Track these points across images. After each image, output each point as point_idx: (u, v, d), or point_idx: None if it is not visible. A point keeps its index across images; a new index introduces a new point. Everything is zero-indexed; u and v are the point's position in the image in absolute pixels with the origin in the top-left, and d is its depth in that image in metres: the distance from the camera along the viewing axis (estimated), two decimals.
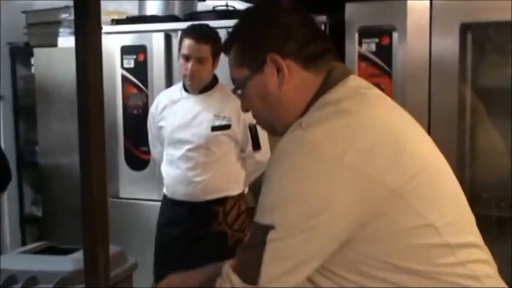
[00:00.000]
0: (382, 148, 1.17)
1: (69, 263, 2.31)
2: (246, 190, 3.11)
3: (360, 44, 2.99)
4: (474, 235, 1.25)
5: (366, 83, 1.33)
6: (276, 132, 1.35)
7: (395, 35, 2.93)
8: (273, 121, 1.33)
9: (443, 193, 1.23)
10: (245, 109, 1.38)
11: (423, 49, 2.88)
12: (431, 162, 1.24)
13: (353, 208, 1.13)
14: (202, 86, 2.92)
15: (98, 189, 1.90)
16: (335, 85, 1.27)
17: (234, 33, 1.36)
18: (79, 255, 2.36)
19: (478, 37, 2.89)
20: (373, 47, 2.97)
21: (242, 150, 2.97)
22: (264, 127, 1.40)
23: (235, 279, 1.17)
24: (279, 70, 1.28)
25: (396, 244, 1.15)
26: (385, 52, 2.94)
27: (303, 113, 1.26)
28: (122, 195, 3.59)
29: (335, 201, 1.12)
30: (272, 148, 3.04)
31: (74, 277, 2.21)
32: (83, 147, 1.87)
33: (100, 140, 1.89)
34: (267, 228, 1.14)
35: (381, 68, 2.95)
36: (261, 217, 1.17)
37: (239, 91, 1.36)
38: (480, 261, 1.22)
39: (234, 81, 1.36)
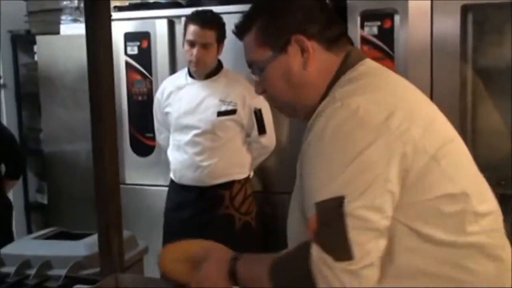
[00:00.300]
0: (417, 115, 1.21)
1: (82, 247, 2.34)
2: (252, 174, 3.15)
3: (362, 27, 3.01)
4: (494, 202, 1.29)
5: (381, 65, 1.37)
6: (294, 114, 1.37)
7: (396, 18, 2.95)
8: (294, 103, 1.33)
9: (468, 162, 1.28)
10: (260, 91, 1.37)
11: (425, 31, 2.90)
12: (455, 134, 1.29)
13: (401, 168, 1.14)
14: (207, 71, 2.95)
15: (111, 175, 1.94)
16: (352, 66, 1.30)
17: (255, 14, 1.35)
18: (91, 240, 2.41)
19: (479, 18, 2.91)
20: (375, 30, 2.99)
21: (248, 135, 3.01)
22: (282, 109, 1.39)
23: (330, 260, 1.12)
24: (303, 50, 1.29)
25: (429, 211, 1.17)
26: (387, 35, 2.97)
27: (325, 94, 1.29)
28: (128, 181, 3.62)
29: (390, 161, 1.14)
30: (277, 133, 3.09)
31: (87, 262, 2.25)
32: (95, 134, 1.91)
33: (111, 127, 1.94)
34: (339, 200, 1.12)
35: (383, 51, 2.98)
36: (324, 193, 1.14)
37: (257, 73, 1.35)
38: (499, 230, 1.26)
39: (252, 62, 1.35)
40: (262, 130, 2.98)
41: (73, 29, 3.89)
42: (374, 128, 1.15)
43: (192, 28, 2.85)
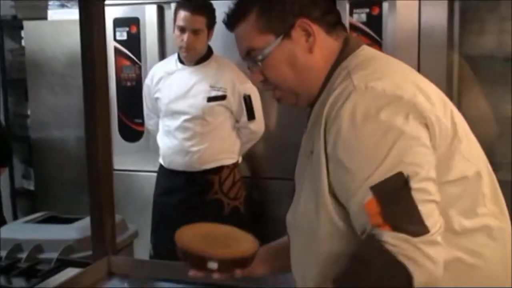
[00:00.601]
0: (433, 97, 1.20)
1: (73, 231, 2.37)
2: (240, 160, 3.18)
3: (351, 14, 3.03)
4: (496, 182, 1.28)
5: (379, 51, 1.36)
6: (296, 103, 1.33)
7: (385, 5, 2.98)
8: (298, 89, 1.30)
9: (476, 142, 1.28)
10: (260, 80, 1.32)
11: (413, 18, 2.94)
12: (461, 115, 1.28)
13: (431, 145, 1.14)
14: (197, 57, 2.96)
15: (103, 158, 1.96)
16: (353, 51, 1.28)
17: (250, 1, 1.29)
18: (81, 224, 2.43)
19: (466, 6, 2.95)
20: (363, 17, 3.02)
21: (237, 120, 3.03)
22: (284, 98, 1.34)
23: (410, 238, 1.06)
24: (307, 34, 1.26)
25: (448, 194, 1.15)
26: (375, 22, 3.00)
27: (327, 78, 1.27)
28: (116, 166, 3.57)
29: (427, 135, 1.13)
30: (266, 119, 3.11)
31: (79, 245, 2.27)
32: (88, 117, 1.92)
33: (105, 110, 1.95)
34: (398, 177, 1.09)
35: (371, 38, 3.00)
36: (378, 175, 1.10)
37: (259, 61, 1.28)
38: (503, 213, 1.25)
39: (252, 51, 1.29)
40: (251, 116, 3.00)
41: (61, 14, 3.88)
42: (405, 103, 1.14)
43: (182, 14, 2.85)
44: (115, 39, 3.53)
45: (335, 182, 1.17)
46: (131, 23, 3.49)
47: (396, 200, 1.09)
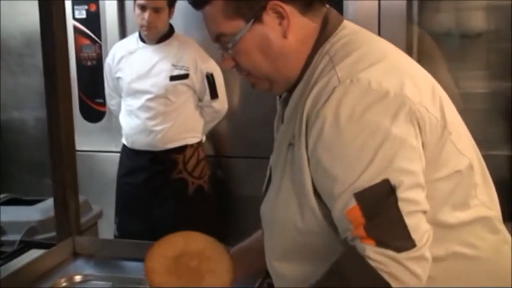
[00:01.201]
0: (421, 83, 1.13)
1: (35, 212, 2.35)
2: (204, 139, 3.18)
3: None
4: (486, 169, 1.23)
5: (358, 26, 1.25)
6: (271, 89, 1.24)
7: None
8: (274, 76, 1.20)
9: (465, 128, 1.22)
10: (231, 65, 1.22)
11: None
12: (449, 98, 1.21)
13: (421, 142, 1.07)
14: (159, 36, 2.94)
15: (66, 138, 1.95)
16: (333, 31, 1.18)
17: None
18: (44, 205, 2.41)
19: None
20: None
21: (200, 99, 3.02)
22: (257, 84, 1.24)
23: (393, 254, 1.00)
24: (280, 17, 1.15)
25: (439, 191, 1.10)
26: None
27: (306, 63, 1.18)
28: (78, 147, 3.53)
29: (416, 133, 1.06)
30: (229, 97, 3.12)
31: (42, 226, 2.26)
32: (50, 98, 1.91)
33: (66, 90, 1.94)
34: (384, 184, 1.02)
35: None
36: (363, 181, 1.03)
37: (230, 48, 1.18)
38: (493, 200, 1.21)
39: (221, 36, 1.19)
40: (214, 94, 3.00)
41: None
42: (392, 100, 1.05)
43: None
44: (74, 18, 3.46)
45: (317, 183, 1.11)
46: (90, 1, 3.43)
47: (381, 211, 1.02)
